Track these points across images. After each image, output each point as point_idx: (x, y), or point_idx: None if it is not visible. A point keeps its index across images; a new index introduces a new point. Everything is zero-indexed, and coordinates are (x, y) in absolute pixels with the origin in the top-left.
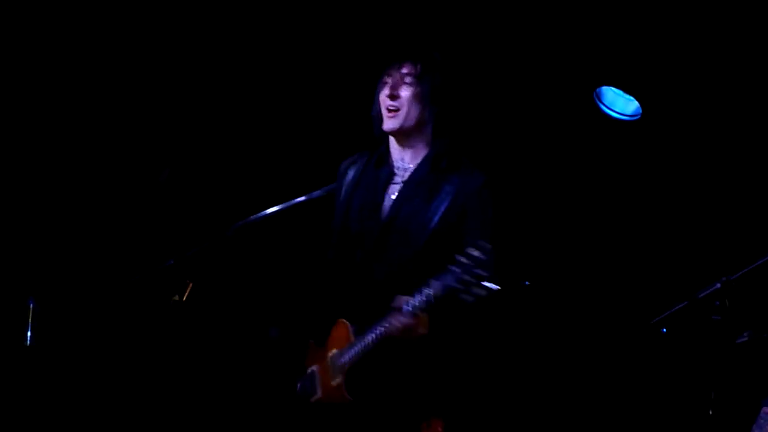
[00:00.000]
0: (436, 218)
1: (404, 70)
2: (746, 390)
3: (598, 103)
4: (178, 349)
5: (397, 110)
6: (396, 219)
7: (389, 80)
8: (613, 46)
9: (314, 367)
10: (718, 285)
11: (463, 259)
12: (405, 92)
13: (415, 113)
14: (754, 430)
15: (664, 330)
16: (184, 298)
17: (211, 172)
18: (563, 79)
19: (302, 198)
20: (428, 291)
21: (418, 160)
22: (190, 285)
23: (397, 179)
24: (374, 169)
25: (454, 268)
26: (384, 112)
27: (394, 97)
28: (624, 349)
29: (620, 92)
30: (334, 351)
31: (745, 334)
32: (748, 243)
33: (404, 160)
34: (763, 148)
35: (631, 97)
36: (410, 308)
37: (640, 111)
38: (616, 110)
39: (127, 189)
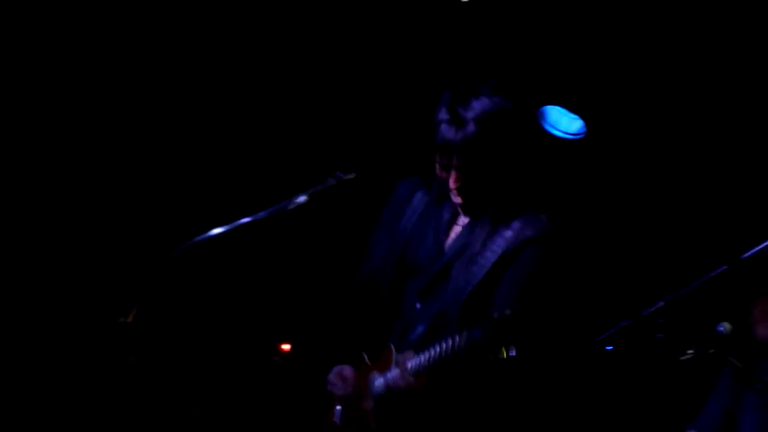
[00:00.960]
0: (483, 272)
1: (454, 162)
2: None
3: (543, 122)
4: (126, 369)
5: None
6: (451, 265)
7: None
8: (557, 65)
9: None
10: (662, 303)
11: (494, 316)
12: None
13: (479, 190)
14: None
15: (609, 348)
16: (130, 320)
17: (157, 193)
18: (507, 98)
19: (248, 219)
20: (434, 350)
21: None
22: (136, 307)
23: (461, 220)
24: (437, 202)
25: (483, 324)
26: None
27: (460, 189)
28: (569, 368)
29: (564, 111)
30: (376, 374)
31: (688, 351)
32: (691, 260)
33: None
34: (706, 168)
35: (576, 116)
36: (412, 368)
37: (585, 129)
38: (561, 129)
39: (72, 209)
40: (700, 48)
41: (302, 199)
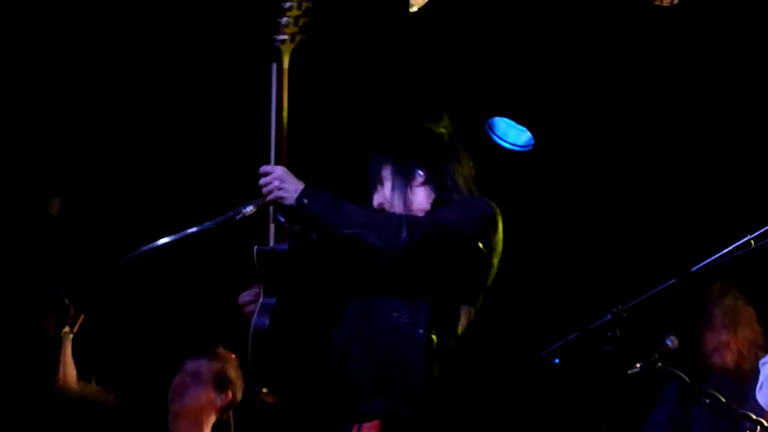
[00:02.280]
0: None
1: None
2: (636, 422)
3: (491, 133)
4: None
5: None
6: None
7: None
8: (505, 76)
9: None
10: (609, 316)
11: None
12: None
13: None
14: None
15: (557, 361)
16: (75, 330)
17: (102, 201)
18: (455, 109)
19: (194, 229)
20: None
21: None
22: (82, 316)
23: None
24: None
25: None
26: None
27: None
28: (515, 381)
29: (513, 123)
30: None
31: (636, 365)
32: (640, 273)
33: None
34: (654, 180)
35: (524, 128)
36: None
37: (533, 142)
38: (509, 141)
39: (14, 218)
40: (653, 56)
41: (250, 209)
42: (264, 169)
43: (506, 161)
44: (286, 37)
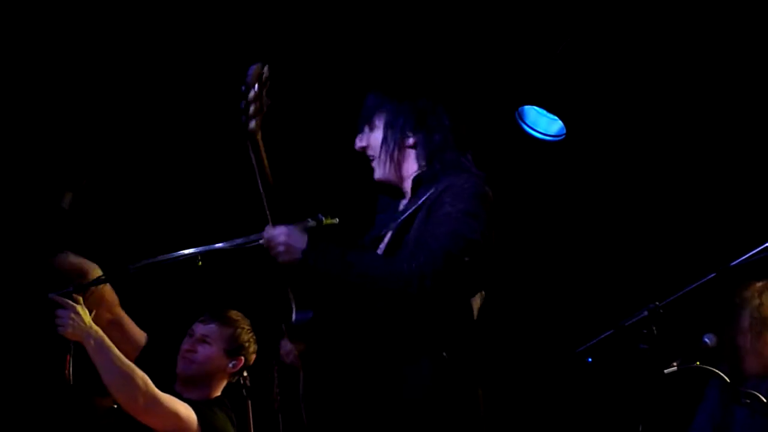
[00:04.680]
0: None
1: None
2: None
3: (521, 122)
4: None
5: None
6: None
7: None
8: (536, 63)
9: None
10: (646, 312)
11: None
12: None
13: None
14: None
15: (590, 359)
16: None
17: (113, 197)
18: (484, 97)
19: (221, 245)
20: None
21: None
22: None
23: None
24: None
25: None
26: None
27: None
28: (548, 380)
29: (543, 111)
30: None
31: (673, 363)
32: (678, 267)
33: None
34: (694, 172)
35: (555, 117)
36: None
37: (564, 131)
38: (539, 130)
39: (26, 214)
40: (685, 46)
41: None
42: (266, 235)
43: (537, 151)
44: (252, 119)
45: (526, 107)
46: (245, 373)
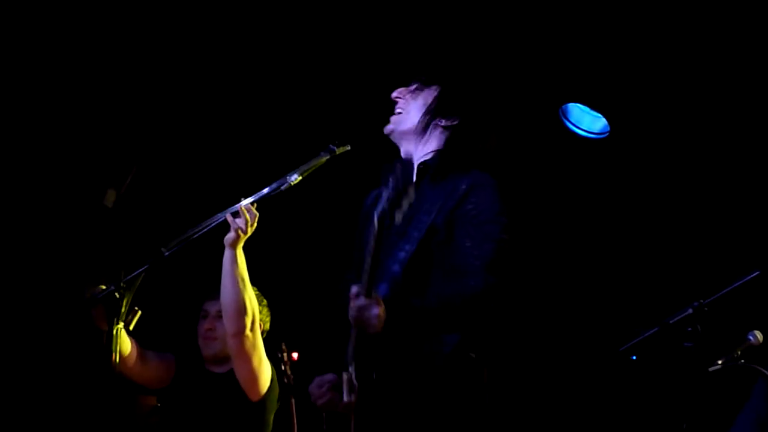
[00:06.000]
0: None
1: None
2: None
3: (564, 120)
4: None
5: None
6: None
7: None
8: (580, 60)
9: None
10: (690, 310)
11: None
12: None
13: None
14: None
15: (634, 357)
16: (131, 327)
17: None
18: (528, 95)
19: (248, 200)
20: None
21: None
22: (139, 313)
23: None
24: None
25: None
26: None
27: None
28: (592, 378)
29: (587, 109)
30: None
31: (718, 361)
32: (722, 265)
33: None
34: (737, 168)
35: (599, 114)
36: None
37: (608, 129)
38: (583, 128)
39: (65, 212)
40: (732, 45)
41: (294, 177)
42: (358, 303)
43: (580, 149)
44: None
45: (570, 105)
46: (289, 371)
